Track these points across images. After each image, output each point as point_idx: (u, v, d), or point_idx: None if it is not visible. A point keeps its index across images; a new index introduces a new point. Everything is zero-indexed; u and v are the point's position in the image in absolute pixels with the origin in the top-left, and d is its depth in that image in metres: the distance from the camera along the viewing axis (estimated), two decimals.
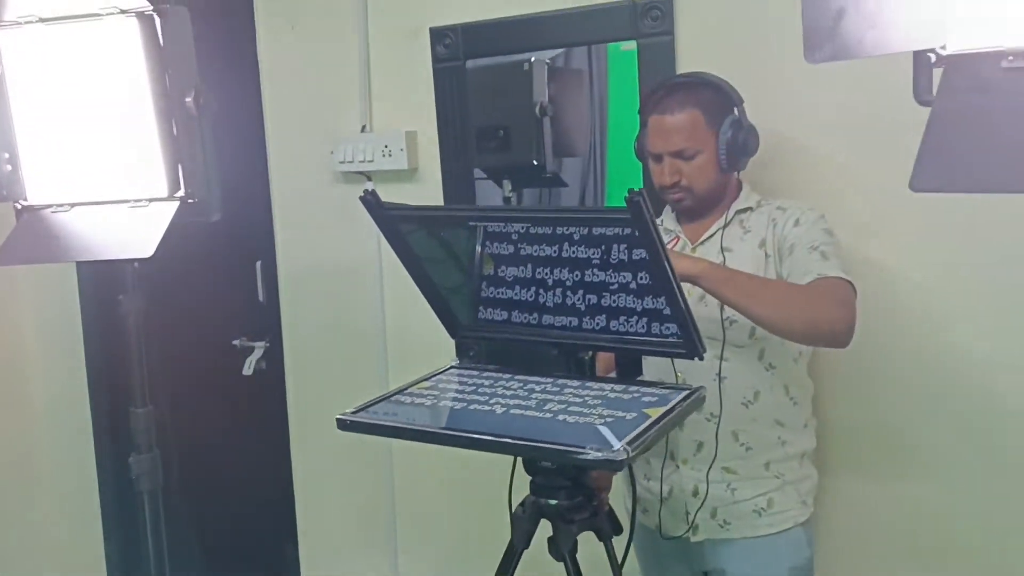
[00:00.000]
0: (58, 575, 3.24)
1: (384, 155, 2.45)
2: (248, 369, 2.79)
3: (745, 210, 1.79)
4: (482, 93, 2.37)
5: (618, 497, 1.81)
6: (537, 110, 2.29)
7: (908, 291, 1.93)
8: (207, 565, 2.88)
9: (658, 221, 1.88)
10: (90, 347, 3.08)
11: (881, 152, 1.81)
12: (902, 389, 1.96)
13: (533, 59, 2.26)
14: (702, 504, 1.75)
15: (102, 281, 3.00)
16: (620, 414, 1.37)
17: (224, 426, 2.93)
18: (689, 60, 2.03)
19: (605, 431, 1.31)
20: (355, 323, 2.62)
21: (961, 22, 0.93)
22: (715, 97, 1.74)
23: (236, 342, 2.83)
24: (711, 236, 1.78)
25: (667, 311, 1.44)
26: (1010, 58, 0.90)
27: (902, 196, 1.11)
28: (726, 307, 1.65)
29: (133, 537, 3.17)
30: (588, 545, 1.54)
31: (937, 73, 0.97)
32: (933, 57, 0.95)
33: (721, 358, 1.71)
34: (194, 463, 2.78)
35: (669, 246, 1.77)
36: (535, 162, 2.31)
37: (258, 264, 2.77)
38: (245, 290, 2.80)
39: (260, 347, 2.79)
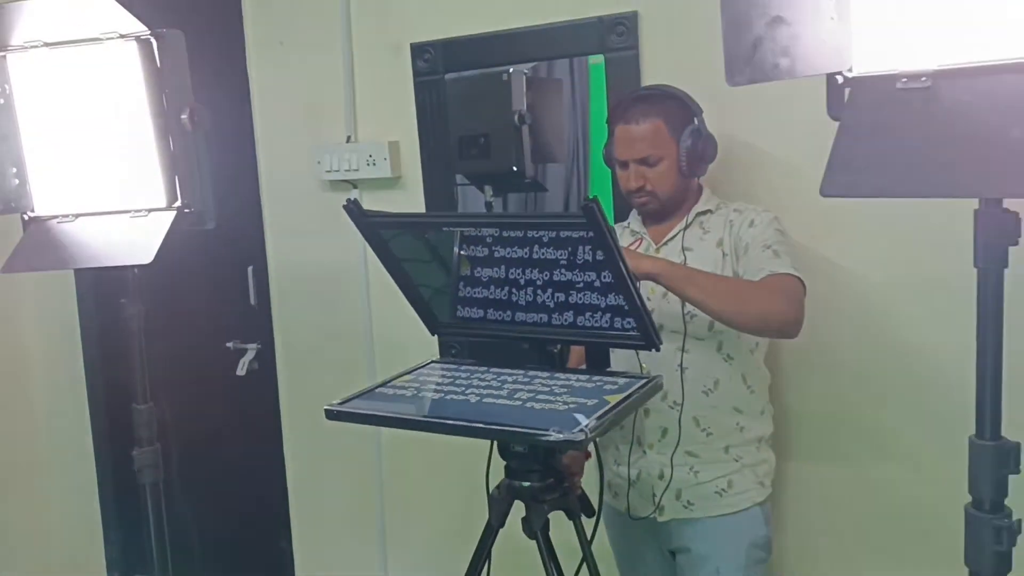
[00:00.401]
0: (60, 570, 3.30)
1: (369, 164, 2.51)
2: (241, 370, 2.85)
3: (705, 212, 1.89)
4: (464, 103, 2.43)
5: (594, 484, 1.91)
6: (516, 118, 2.34)
7: (858, 286, 2.03)
8: (204, 557, 2.94)
9: (625, 224, 2.00)
10: (88, 351, 3.14)
11: None
12: (854, 377, 2.06)
13: (512, 70, 2.32)
14: (667, 486, 1.86)
15: (100, 287, 3.07)
16: (583, 400, 1.49)
17: (219, 425, 2.98)
18: (653, 72, 2.12)
19: (568, 415, 1.43)
20: (343, 324, 2.68)
21: (864, 49, 1.06)
22: (676, 108, 1.85)
23: (229, 344, 2.89)
24: (673, 237, 1.88)
25: (627, 307, 1.56)
26: (904, 80, 1.03)
27: (852, 199, 1.24)
28: (686, 303, 1.77)
29: (133, 534, 3.21)
30: (560, 528, 1.65)
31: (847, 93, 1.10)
32: (841, 79, 1.08)
33: (683, 350, 1.81)
34: (191, 460, 2.83)
35: (633, 247, 1.89)
36: (514, 168, 2.37)
37: (250, 269, 2.82)
38: (237, 294, 2.85)
39: (252, 349, 2.86)
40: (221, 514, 3.04)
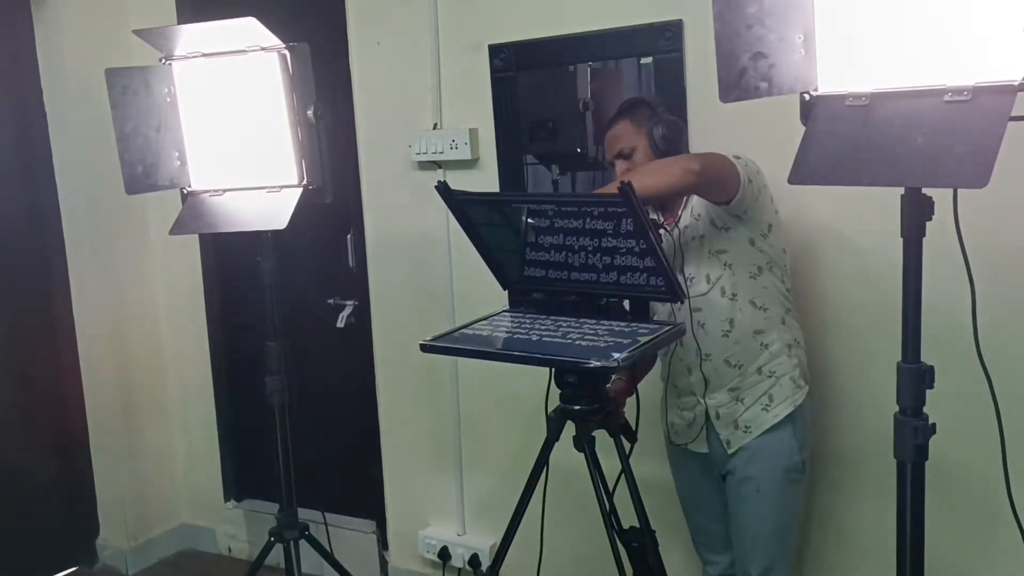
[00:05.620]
0: (185, 491, 3.76)
1: (452, 148, 2.78)
2: (341, 322, 3.18)
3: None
4: (535, 93, 2.68)
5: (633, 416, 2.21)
6: (580, 105, 2.59)
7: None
8: (309, 478, 3.00)
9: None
10: (210, 306, 3.53)
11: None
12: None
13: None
14: (721, 420, 2.12)
15: (220, 255, 3.46)
16: (620, 340, 1.84)
17: (321, 370, 3.28)
18: (694, 71, 2.39)
19: (606, 350, 1.79)
20: (428, 284, 2.96)
21: (823, 76, 1.42)
22: (640, 108, 2.12)
23: (330, 300, 3.22)
24: (681, 218, 2.12)
25: (657, 267, 1.91)
26: (850, 99, 1.39)
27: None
28: (684, 271, 2.07)
29: (246, 464, 3.64)
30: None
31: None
32: (808, 96, 1.44)
33: (692, 310, 2.08)
34: (297, 399, 2.99)
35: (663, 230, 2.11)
36: (579, 149, 2.62)
37: (349, 236, 3.11)
38: (337, 258, 3.16)
39: (350, 305, 3.18)
40: (323, 443, 3.34)
